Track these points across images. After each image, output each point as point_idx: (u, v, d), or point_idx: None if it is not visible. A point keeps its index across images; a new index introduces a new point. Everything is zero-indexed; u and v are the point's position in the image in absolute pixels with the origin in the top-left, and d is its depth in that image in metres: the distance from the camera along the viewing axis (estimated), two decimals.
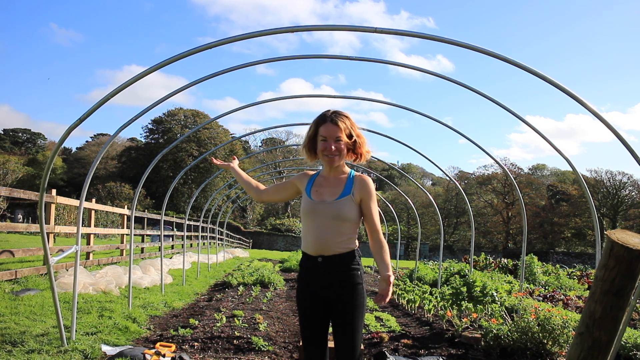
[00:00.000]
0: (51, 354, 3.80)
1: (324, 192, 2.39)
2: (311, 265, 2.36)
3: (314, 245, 2.34)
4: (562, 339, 4.42)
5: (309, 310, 2.39)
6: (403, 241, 43.12)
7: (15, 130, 66.81)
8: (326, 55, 6.03)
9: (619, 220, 43.89)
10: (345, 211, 2.32)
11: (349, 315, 2.32)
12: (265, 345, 4.55)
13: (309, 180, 2.48)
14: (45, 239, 3.98)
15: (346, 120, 2.36)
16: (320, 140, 2.37)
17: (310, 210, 2.36)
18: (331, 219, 2.31)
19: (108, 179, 48.43)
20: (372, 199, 2.39)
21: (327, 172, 2.46)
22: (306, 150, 2.46)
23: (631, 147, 3.43)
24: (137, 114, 4.63)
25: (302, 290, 2.43)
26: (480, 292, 6.21)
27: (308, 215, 2.37)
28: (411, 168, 72.54)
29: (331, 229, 2.31)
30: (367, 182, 2.40)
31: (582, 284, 12.74)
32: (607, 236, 1.25)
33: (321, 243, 2.32)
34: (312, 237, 2.34)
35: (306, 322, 2.41)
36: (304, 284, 2.42)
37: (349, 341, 2.31)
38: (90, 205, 9.39)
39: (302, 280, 2.43)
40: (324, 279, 2.34)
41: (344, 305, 2.32)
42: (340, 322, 2.33)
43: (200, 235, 14.23)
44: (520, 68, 3.60)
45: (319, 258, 2.33)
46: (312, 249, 2.35)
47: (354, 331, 2.31)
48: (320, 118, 2.41)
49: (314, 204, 2.36)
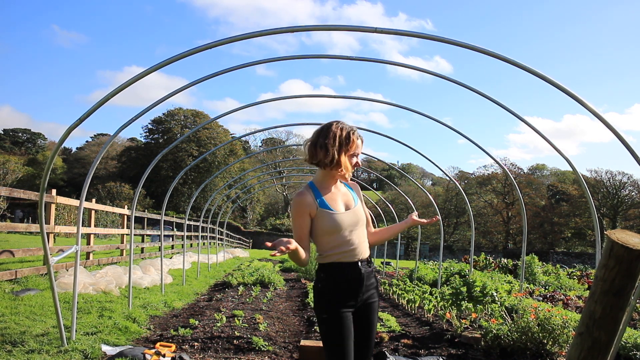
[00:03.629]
0: (51, 354, 3.80)
1: (340, 201, 2.41)
2: (350, 272, 2.33)
3: (353, 252, 2.35)
4: (562, 339, 4.42)
5: (350, 324, 2.31)
6: (403, 241, 43.11)
7: (16, 130, 66.83)
8: (326, 55, 6.04)
9: (619, 220, 43.89)
10: (364, 215, 2.46)
11: (373, 315, 2.43)
12: (265, 345, 4.55)
13: (314, 196, 2.36)
14: (45, 239, 3.98)
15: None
16: (352, 155, 2.39)
17: (340, 221, 2.33)
18: (359, 224, 2.40)
19: (108, 179, 48.44)
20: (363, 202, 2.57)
21: (327, 183, 2.41)
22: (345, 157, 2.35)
23: (631, 147, 3.43)
24: (137, 114, 4.63)
25: (339, 305, 2.30)
26: (480, 292, 6.21)
27: (339, 227, 2.32)
28: (411, 168, 72.59)
29: (360, 234, 2.40)
30: (358, 187, 2.60)
31: (582, 284, 12.75)
32: (607, 236, 1.25)
33: (359, 248, 2.37)
34: (349, 246, 2.33)
35: (346, 337, 2.29)
36: (342, 297, 2.31)
37: (371, 342, 2.42)
38: (90, 205, 9.39)
39: (339, 293, 2.31)
40: (363, 282, 2.36)
41: (369, 305, 2.40)
42: (363, 324, 2.39)
43: (200, 235, 14.24)
44: (520, 68, 3.60)
45: (358, 262, 2.35)
46: (352, 256, 2.34)
47: (374, 331, 2.45)
48: (352, 133, 2.38)
49: (341, 214, 2.35)
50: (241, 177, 22.25)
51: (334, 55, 5.21)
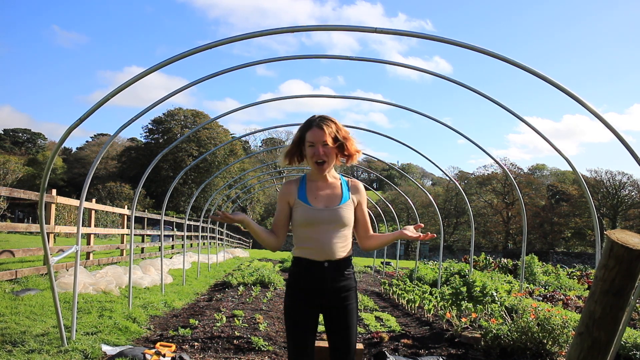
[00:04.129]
0: (51, 353, 3.80)
1: (324, 197, 2.35)
2: (314, 271, 2.30)
3: (319, 251, 2.30)
4: (561, 339, 4.42)
5: (306, 319, 2.32)
6: (403, 241, 43.10)
7: (16, 130, 66.84)
8: (326, 55, 6.04)
9: (618, 220, 43.89)
10: (347, 216, 2.34)
11: (349, 318, 2.34)
12: (265, 345, 4.55)
13: (298, 186, 2.39)
14: (45, 239, 3.98)
15: (332, 125, 2.32)
16: (308, 146, 2.32)
17: (313, 217, 2.30)
18: (335, 224, 2.31)
19: (108, 179, 48.44)
20: (365, 203, 2.47)
21: (318, 177, 2.39)
22: (288, 156, 2.39)
23: (631, 147, 3.43)
24: (137, 114, 4.63)
25: (299, 298, 2.34)
26: (480, 292, 6.22)
27: (311, 222, 2.30)
28: (411, 168, 72.59)
29: (335, 234, 2.31)
30: (361, 186, 2.48)
31: (582, 284, 12.75)
32: (607, 236, 1.26)
33: (328, 249, 2.29)
34: (317, 244, 2.29)
35: (301, 331, 2.32)
36: (302, 292, 2.33)
37: (348, 345, 2.33)
38: (90, 205, 9.39)
39: (300, 288, 2.34)
40: (328, 283, 2.30)
41: (343, 308, 2.33)
42: (339, 326, 2.33)
43: (200, 235, 14.24)
44: (520, 68, 3.60)
45: (325, 263, 2.30)
46: (318, 254, 2.30)
47: (352, 334, 2.35)
48: (306, 124, 2.36)
49: (316, 210, 2.31)
50: (241, 177, 22.25)
51: (334, 55, 5.21)
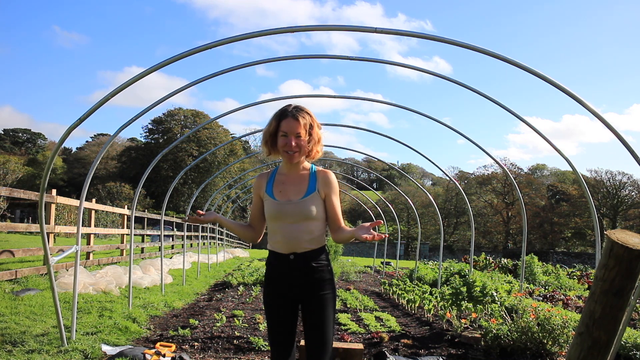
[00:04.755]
0: (51, 353, 3.80)
1: (288, 190, 2.31)
2: (281, 263, 2.30)
3: (285, 244, 2.28)
4: (562, 338, 4.42)
5: (279, 310, 2.32)
6: (403, 241, 43.11)
7: (16, 130, 66.84)
8: (325, 55, 6.04)
9: (618, 220, 43.88)
10: (313, 209, 2.27)
11: (321, 311, 2.28)
12: (265, 345, 4.54)
13: (267, 180, 2.37)
14: (45, 239, 3.98)
15: (307, 116, 2.28)
16: (281, 135, 2.27)
17: (277, 211, 2.28)
18: (300, 218, 2.26)
19: (108, 179, 48.43)
20: (335, 194, 2.36)
21: (287, 169, 2.36)
22: (267, 146, 2.34)
23: (631, 147, 3.43)
24: (137, 114, 4.64)
25: (271, 290, 2.35)
26: (480, 292, 6.21)
27: (275, 217, 2.28)
28: (411, 168, 72.63)
29: (301, 228, 2.27)
30: (330, 177, 2.34)
31: (582, 284, 12.73)
32: (607, 236, 1.26)
33: (292, 242, 2.27)
34: (282, 237, 2.28)
35: (277, 323, 2.32)
36: (273, 284, 2.34)
37: (321, 338, 2.27)
38: (90, 205, 9.39)
39: (271, 280, 2.35)
40: (296, 275, 2.28)
41: (315, 301, 2.29)
42: (312, 319, 2.29)
43: (200, 235, 14.25)
44: (520, 68, 3.60)
45: (290, 255, 2.28)
46: (283, 247, 2.29)
47: (325, 327, 2.28)
48: (281, 113, 2.29)
49: (280, 204, 2.28)
50: (241, 177, 22.24)
51: (334, 55, 5.21)
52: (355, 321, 6.00)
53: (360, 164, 54.52)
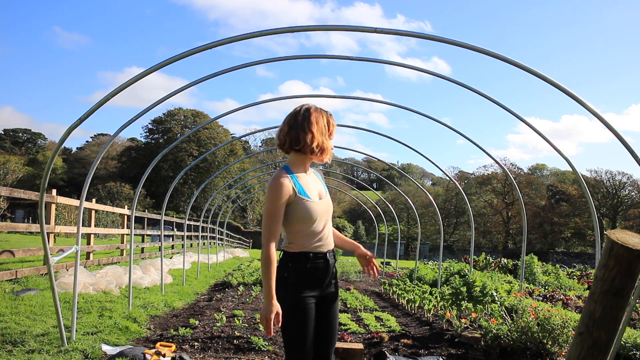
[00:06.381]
0: (51, 353, 3.80)
1: (314, 189, 2.33)
2: (319, 263, 2.28)
3: (325, 243, 2.30)
4: (561, 338, 4.42)
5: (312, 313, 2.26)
6: (403, 241, 43.13)
7: (16, 130, 66.83)
8: (325, 55, 6.04)
9: (618, 220, 43.88)
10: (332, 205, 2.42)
11: (338, 304, 2.42)
12: (265, 345, 4.55)
13: (293, 182, 2.26)
14: (45, 239, 3.98)
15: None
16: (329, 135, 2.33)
17: (318, 210, 2.27)
18: (330, 215, 2.37)
19: (108, 179, 48.43)
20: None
21: (303, 169, 2.34)
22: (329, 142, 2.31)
23: (630, 147, 3.43)
24: (137, 114, 4.64)
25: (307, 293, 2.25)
26: (480, 292, 6.22)
27: (315, 217, 2.26)
28: (411, 168, 72.64)
29: (330, 225, 2.37)
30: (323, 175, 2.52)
31: (582, 284, 12.73)
32: (607, 236, 1.26)
33: (329, 240, 2.34)
34: (322, 236, 2.29)
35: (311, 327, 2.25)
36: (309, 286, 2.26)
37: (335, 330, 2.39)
38: (90, 205, 9.39)
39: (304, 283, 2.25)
40: (331, 272, 2.34)
41: (335, 294, 2.39)
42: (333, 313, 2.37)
43: (200, 235, 14.25)
44: (520, 68, 3.60)
45: (327, 253, 2.31)
46: (323, 246, 2.30)
47: (337, 320, 2.42)
48: (331, 116, 2.35)
49: (318, 204, 2.29)
50: (241, 177, 22.24)
51: (333, 55, 5.21)
52: (355, 321, 6.00)
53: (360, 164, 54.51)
